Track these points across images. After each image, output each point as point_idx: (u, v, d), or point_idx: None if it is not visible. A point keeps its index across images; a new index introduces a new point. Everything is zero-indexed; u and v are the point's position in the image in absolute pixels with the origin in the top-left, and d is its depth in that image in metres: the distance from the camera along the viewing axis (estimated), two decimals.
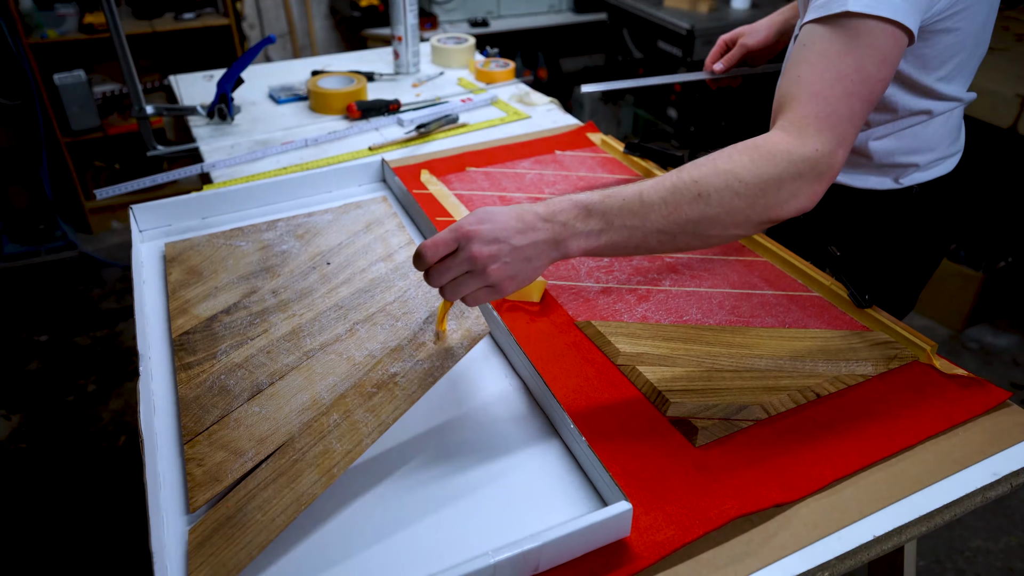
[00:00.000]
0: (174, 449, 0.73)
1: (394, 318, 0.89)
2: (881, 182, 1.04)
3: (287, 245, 1.03)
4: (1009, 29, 2.48)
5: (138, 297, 0.91)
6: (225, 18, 2.83)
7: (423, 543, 0.64)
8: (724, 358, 0.83)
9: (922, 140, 1.00)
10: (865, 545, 0.65)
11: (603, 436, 0.73)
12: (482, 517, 0.67)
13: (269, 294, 0.93)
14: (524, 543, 0.59)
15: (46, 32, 2.56)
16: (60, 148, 2.72)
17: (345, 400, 0.75)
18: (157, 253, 1.04)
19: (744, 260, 1.02)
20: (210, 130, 1.45)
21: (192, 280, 0.95)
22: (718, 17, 2.83)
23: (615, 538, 0.63)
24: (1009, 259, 2.34)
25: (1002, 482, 0.71)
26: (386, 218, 1.10)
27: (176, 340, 0.85)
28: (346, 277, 0.96)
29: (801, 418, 0.76)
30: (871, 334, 0.88)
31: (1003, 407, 0.79)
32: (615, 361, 0.83)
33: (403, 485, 0.69)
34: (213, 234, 1.05)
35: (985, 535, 1.78)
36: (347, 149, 1.37)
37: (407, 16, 1.68)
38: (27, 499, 1.82)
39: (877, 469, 0.71)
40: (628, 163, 1.29)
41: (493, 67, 1.72)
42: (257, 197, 1.15)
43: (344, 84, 1.56)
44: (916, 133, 0.99)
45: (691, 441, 0.73)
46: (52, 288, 2.64)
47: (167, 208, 1.09)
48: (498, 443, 0.74)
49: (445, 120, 1.45)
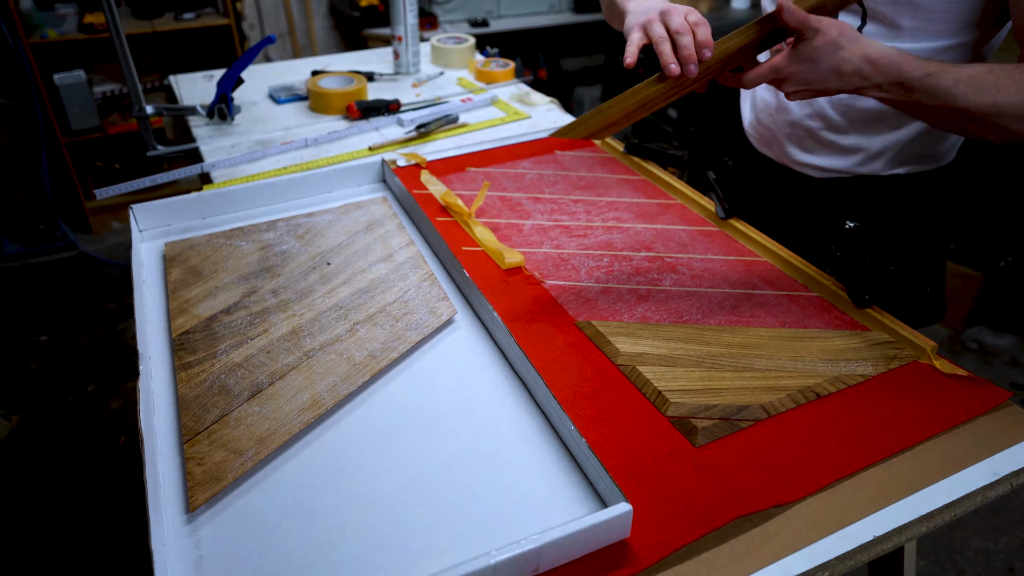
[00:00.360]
0: (174, 448, 0.73)
1: (394, 318, 0.89)
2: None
3: (287, 245, 1.03)
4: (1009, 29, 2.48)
5: (138, 297, 0.91)
6: (225, 18, 2.83)
7: (422, 543, 0.64)
8: (724, 358, 0.83)
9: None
10: (865, 545, 0.65)
11: (603, 436, 0.73)
12: (482, 518, 0.67)
13: (269, 294, 0.93)
14: (524, 543, 0.59)
15: (46, 32, 2.56)
16: (60, 148, 2.72)
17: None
18: (157, 253, 1.04)
19: (744, 260, 1.02)
20: (210, 130, 1.45)
21: (192, 280, 0.95)
22: (718, 17, 2.83)
23: (615, 539, 0.63)
24: (1009, 259, 2.34)
25: (1002, 482, 0.71)
26: (386, 219, 1.10)
27: (176, 340, 0.85)
28: (346, 277, 0.97)
29: (801, 418, 0.76)
30: (871, 334, 0.88)
31: (1003, 407, 0.79)
32: (615, 361, 0.83)
33: (403, 485, 0.69)
34: (213, 234, 1.05)
35: (985, 535, 1.79)
36: (347, 149, 1.37)
37: (407, 16, 1.68)
38: (27, 499, 1.82)
39: (877, 469, 0.71)
40: (628, 163, 1.29)
41: (493, 67, 1.72)
42: (257, 197, 1.15)
43: (344, 84, 1.56)
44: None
45: (691, 441, 0.73)
46: (52, 288, 2.64)
47: (167, 208, 1.09)
48: (498, 444, 0.74)
49: (445, 120, 1.45)
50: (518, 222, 1.10)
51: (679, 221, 1.11)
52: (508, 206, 1.14)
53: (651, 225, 1.10)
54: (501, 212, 1.12)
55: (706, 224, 1.11)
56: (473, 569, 0.57)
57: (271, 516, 0.66)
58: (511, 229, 1.08)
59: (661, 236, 1.07)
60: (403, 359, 0.85)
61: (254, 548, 0.63)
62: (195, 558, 0.62)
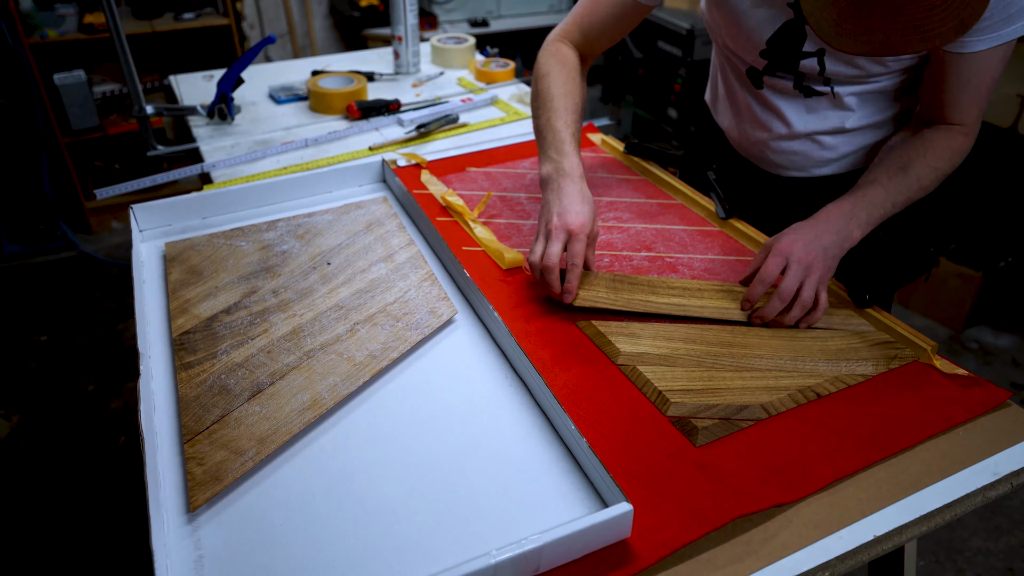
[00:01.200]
0: (174, 448, 0.73)
1: (394, 318, 0.89)
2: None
3: (287, 245, 1.03)
4: None
5: (138, 297, 0.91)
6: (225, 18, 2.83)
7: (422, 543, 0.64)
8: (724, 358, 0.83)
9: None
10: (865, 545, 0.65)
11: (603, 436, 0.73)
12: (482, 518, 0.67)
13: (269, 294, 0.93)
14: (525, 543, 0.59)
15: (46, 32, 2.56)
16: (60, 148, 2.72)
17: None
18: (157, 253, 1.04)
19: (744, 260, 1.02)
20: (210, 130, 1.45)
21: (192, 280, 0.95)
22: None
23: (616, 539, 0.63)
24: (1009, 259, 2.34)
25: (1002, 482, 0.71)
26: (386, 219, 1.10)
27: (176, 340, 0.85)
28: (346, 277, 0.97)
29: (801, 418, 0.76)
30: (871, 334, 0.88)
31: (1003, 407, 0.79)
32: (615, 361, 0.83)
33: (404, 485, 0.69)
34: (213, 234, 1.05)
35: (985, 535, 1.79)
36: (347, 149, 1.37)
37: (407, 16, 1.68)
38: (27, 499, 1.82)
39: (877, 469, 0.71)
40: (628, 163, 1.29)
41: (493, 67, 1.72)
42: (257, 197, 1.15)
43: (344, 84, 1.56)
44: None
45: (691, 441, 0.73)
46: (52, 288, 2.64)
47: (167, 208, 1.09)
48: (498, 444, 0.74)
49: (445, 120, 1.45)
50: (518, 222, 1.10)
51: (679, 221, 1.11)
52: (508, 206, 1.14)
53: (651, 225, 1.10)
54: (501, 212, 1.12)
55: (706, 224, 1.11)
56: (474, 569, 0.57)
57: (271, 516, 0.66)
58: (511, 229, 1.08)
59: (661, 236, 1.08)
60: (404, 359, 0.85)
61: (254, 548, 0.63)
62: (195, 558, 0.62)
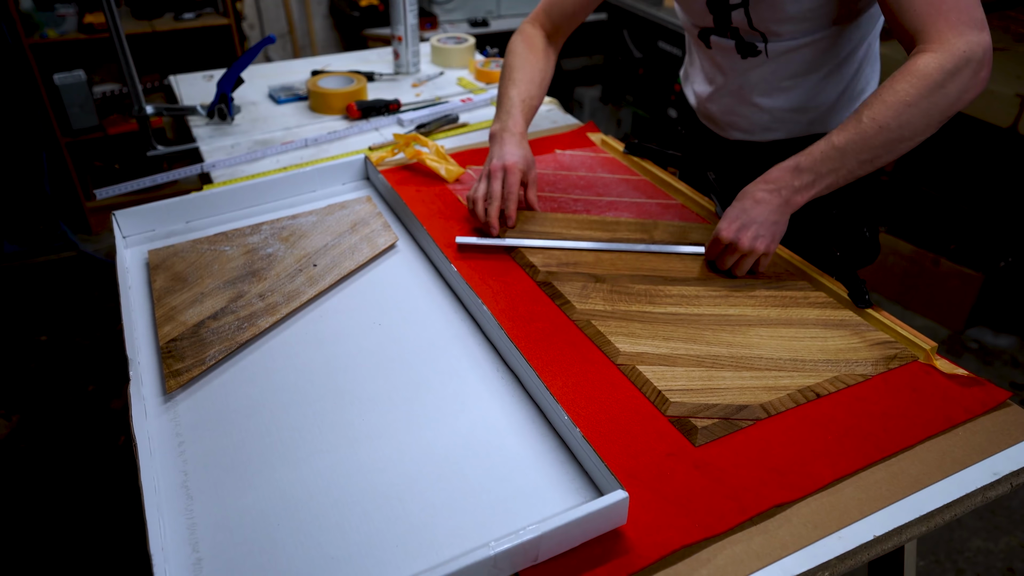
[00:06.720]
0: (171, 451, 0.73)
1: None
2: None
3: (272, 248, 1.02)
4: (1009, 29, 2.48)
5: (124, 303, 0.91)
6: (225, 18, 2.83)
7: (421, 536, 0.64)
8: (724, 358, 0.83)
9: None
10: (865, 545, 0.65)
11: (603, 436, 0.73)
12: (479, 510, 0.67)
13: (256, 298, 0.92)
14: (523, 533, 0.59)
15: (46, 32, 2.56)
16: (60, 148, 2.72)
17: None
18: (141, 259, 1.03)
19: None
20: (210, 130, 1.45)
21: (177, 286, 0.94)
22: None
23: (613, 526, 0.63)
24: (1009, 259, 2.34)
25: (1002, 482, 0.71)
26: (371, 218, 1.10)
27: (164, 347, 0.85)
28: (333, 278, 0.96)
29: (801, 418, 0.76)
30: (871, 334, 0.88)
31: (1003, 407, 0.79)
32: (615, 361, 0.83)
33: (401, 479, 0.69)
34: (197, 239, 1.04)
35: (985, 535, 1.79)
36: (347, 149, 1.37)
37: (407, 16, 1.68)
38: (27, 499, 1.82)
39: (877, 469, 0.71)
40: (628, 163, 1.29)
41: (493, 67, 1.72)
42: (240, 199, 1.14)
43: (344, 84, 1.56)
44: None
45: (691, 441, 0.73)
46: (52, 288, 2.64)
47: (150, 213, 1.07)
48: (494, 438, 0.74)
49: (445, 120, 1.45)
50: None
51: (679, 221, 1.11)
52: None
53: None
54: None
55: (706, 224, 1.11)
56: (473, 560, 0.57)
57: (271, 516, 0.66)
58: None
59: None
60: (397, 356, 0.85)
61: (254, 548, 0.63)
62: (194, 560, 0.62)
